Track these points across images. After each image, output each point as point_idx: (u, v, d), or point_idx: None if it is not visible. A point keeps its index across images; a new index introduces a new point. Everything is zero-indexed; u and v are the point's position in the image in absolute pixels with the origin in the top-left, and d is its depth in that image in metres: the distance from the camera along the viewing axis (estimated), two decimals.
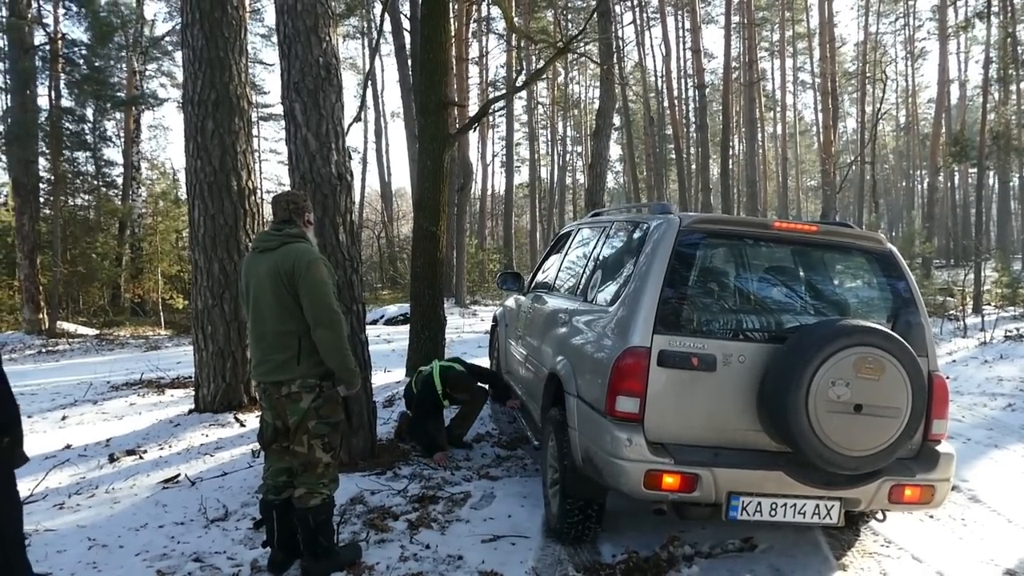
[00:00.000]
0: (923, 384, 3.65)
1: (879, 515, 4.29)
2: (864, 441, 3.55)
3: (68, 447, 6.65)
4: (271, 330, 3.84)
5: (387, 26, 25.53)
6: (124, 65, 26.09)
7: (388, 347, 13.56)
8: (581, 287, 5.18)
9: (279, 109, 7.91)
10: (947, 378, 4.13)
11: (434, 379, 6.15)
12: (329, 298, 3.79)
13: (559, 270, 6.16)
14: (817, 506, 3.74)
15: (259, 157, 42.02)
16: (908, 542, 4.54)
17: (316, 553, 3.94)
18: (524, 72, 20.99)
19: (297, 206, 4.06)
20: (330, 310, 3.78)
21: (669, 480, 3.62)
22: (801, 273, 4.31)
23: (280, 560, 4.03)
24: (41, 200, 22.32)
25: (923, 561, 4.28)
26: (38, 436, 7.28)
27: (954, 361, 11.80)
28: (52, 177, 23.47)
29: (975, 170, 23.74)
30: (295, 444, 3.89)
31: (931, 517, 4.99)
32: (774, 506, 3.71)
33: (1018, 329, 14.11)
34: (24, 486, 5.57)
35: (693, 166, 39.37)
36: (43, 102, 22.23)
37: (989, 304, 19.43)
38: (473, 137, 35.62)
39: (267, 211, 6.25)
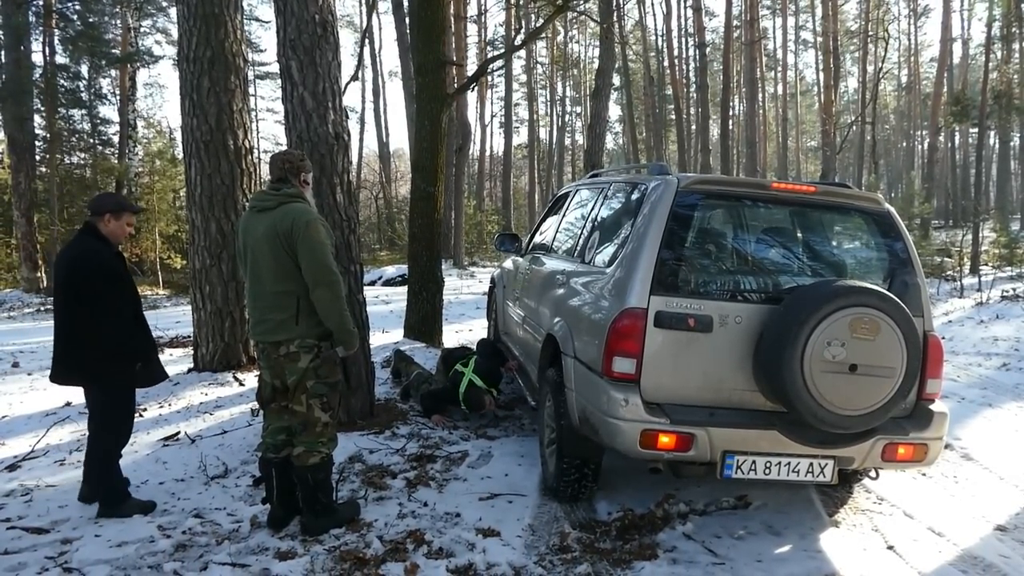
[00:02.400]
0: (918, 344, 3.67)
1: (872, 473, 4.34)
2: (858, 400, 3.58)
3: (68, 404, 6.70)
4: (269, 290, 3.84)
5: None
6: (119, 21, 25.79)
7: (386, 308, 13.60)
8: (579, 248, 5.18)
9: (276, 67, 7.80)
10: (942, 338, 4.15)
11: (459, 391, 6.16)
12: (327, 258, 3.79)
13: (557, 231, 6.15)
14: (811, 464, 3.78)
15: (256, 116, 41.70)
16: (901, 499, 4.60)
17: (315, 510, 3.99)
18: (523, 30, 20.70)
19: (293, 165, 4.02)
20: (328, 270, 3.78)
21: (665, 439, 3.65)
22: (798, 234, 4.31)
23: (280, 517, 4.07)
24: (37, 158, 22.19)
25: (915, 518, 4.34)
26: (39, 394, 7.34)
27: (950, 321, 11.86)
28: (48, 135, 23.31)
29: (976, 130, 23.60)
30: (294, 404, 3.91)
31: (924, 475, 5.05)
32: (768, 464, 3.75)
33: (1015, 289, 14.16)
34: (25, 442, 5.68)
35: (693, 127, 39.12)
36: (37, 58, 22.03)
37: (987, 264, 19.46)
38: (471, 97, 35.31)
39: (264, 171, 6.22)
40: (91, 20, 22.89)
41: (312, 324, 3.84)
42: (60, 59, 23.54)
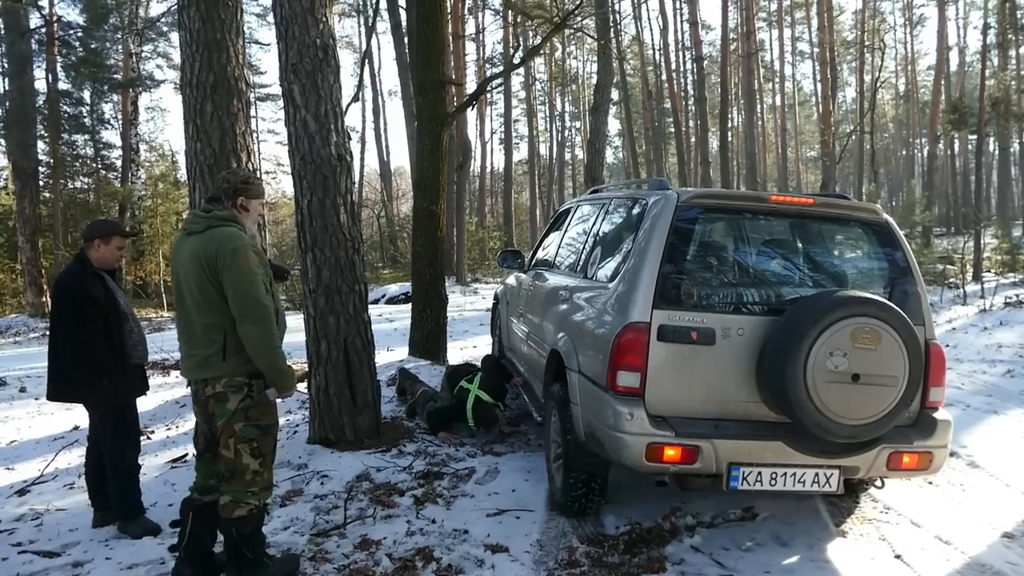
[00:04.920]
0: (920, 352, 3.69)
1: (878, 482, 4.35)
2: (862, 410, 3.60)
3: (76, 428, 6.74)
4: (196, 322, 3.46)
5: (383, 3, 25.35)
6: (120, 47, 25.99)
7: (390, 326, 13.63)
8: (581, 264, 5.21)
9: (277, 89, 7.90)
10: (945, 346, 4.17)
11: (466, 408, 6.13)
12: (256, 290, 3.37)
13: (559, 247, 6.19)
14: (816, 474, 3.79)
15: (258, 138, 41.84)
16: (907, 508, 4.61)
17: (239, 567, 3.57)
18: (521, 48, 20.88)
19: (231, 186, 3.60)
20: (256, 303, 3.36)
21: (670, 452, 3.67)
22: (798, 245, 4.35)
23: (185, 573, 3.65)
24: (41, 184, 22.34)
25: (922, 526, 4.34)
26: (46, 418, 7.38)
27: (954, 329, 11.86)
28: (51, 160, 23.49)
29: (975, 137, 23.66)
30: (221, 447, 3.51)
31: (930, 483, 5.05)
32: (774, 475, 3.77)
33: (1018, 296, 14.14)
34: (34, 467, 5.71)
35: (692, 139, 39.25)
36: (40, 85, 22.28)
37: (989, 271, 19.44)
38: (471, 115, 35.52)
39: (267, 192, 6.27)
40: (93, 46, 23.11)
41: (241, 361, 3.42)
42: (63, 85, 23.80)
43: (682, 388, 3.84)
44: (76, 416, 6.92)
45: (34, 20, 20.91)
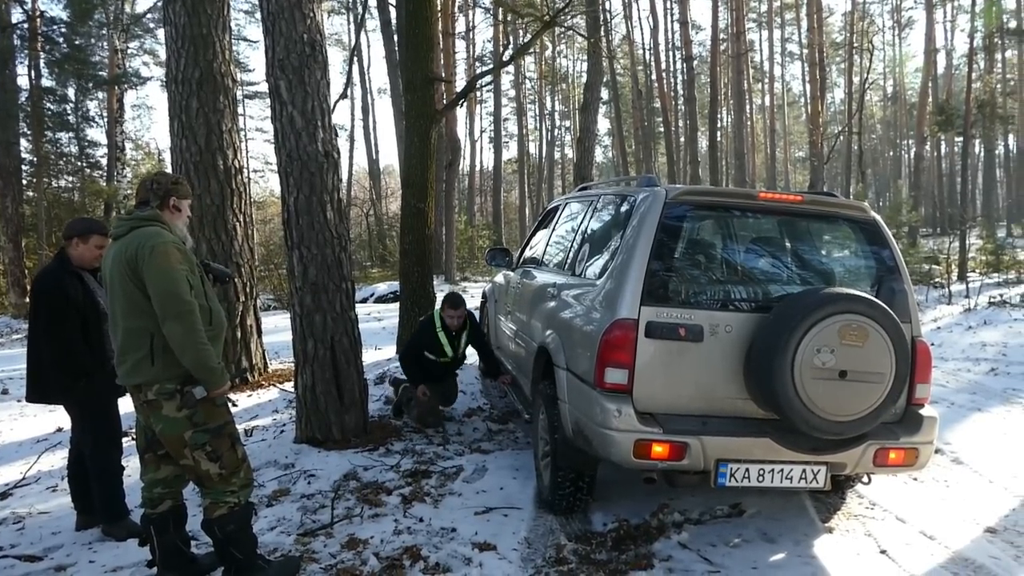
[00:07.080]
0: (906, 350, 3.70)
1: (864, 478, 4.38)
2: (849, 406, 3.61)
3: (59, 430, 6.67)
4: (122, 326, 3.39)
5: (372, 0, 25.28)
6: (105, 43, 25.77)
7: (378, 325, 13.59)
8: (569, 261, 5.21)
9: (264, 87, 7.82)
10: (931, 344, 4.19)
11: (434, 316, 6.29)
12: (177, 286, 3.28)
13: (547, 245, 6.19)
14: (804, 471, 3.80)
15: (245, 136, 41.60)
16: (892, 504, 4.63)
17: (231, 569, 3.58)
18: (511, 46, 20.88)
19: (161, 187, 3.54)
20: (178, 300, 3.27)
21: (658, 449, 3.67)
22: (786, 243, 4.35)
23: None
24: (24, 182, 22.14)
25: (907, 522, 4.37)
26: (29, 420, 7.30)
27: (939, 328, 11.92)
28: (35, 159, 23.26)
29: (961, 139, 23.82)
30: (180, 459, 3.45)
31: (915, 479, 5.08)
32: (761, 472, 3.77)
33: (1001, 295, 14.25)
34: (16, 470, 5.65)
35: (681, 139, 39.33)
36: (23, 82, 22.01)
37: (974, 271, 19.55)
38: (460, 113, 35.49)
39: (254, 190, 6.23)
40: (77, 43, 22.89)
41: (169, 364, 3.34)
42: (46, 82, 23.51)
43: (670, 385, 3.84)
44: (59, 418, 6.83)
45: (16, 15, 20.69)
